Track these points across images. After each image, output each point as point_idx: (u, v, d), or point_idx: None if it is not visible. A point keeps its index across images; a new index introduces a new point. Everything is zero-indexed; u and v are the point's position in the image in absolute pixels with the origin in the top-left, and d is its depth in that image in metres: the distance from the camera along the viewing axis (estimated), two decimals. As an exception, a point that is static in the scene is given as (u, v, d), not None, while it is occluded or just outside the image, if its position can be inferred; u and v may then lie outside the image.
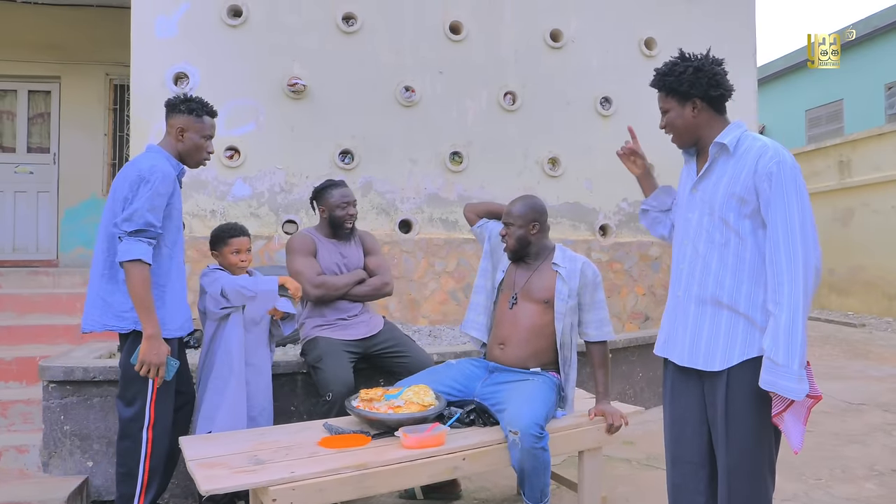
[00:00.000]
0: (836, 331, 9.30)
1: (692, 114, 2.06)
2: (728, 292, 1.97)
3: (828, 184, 11.21)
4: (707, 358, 2.00)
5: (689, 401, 2.10)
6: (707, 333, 2.01)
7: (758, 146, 1.95)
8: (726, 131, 2.03)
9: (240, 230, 3.08)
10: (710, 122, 2.06)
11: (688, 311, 2.06)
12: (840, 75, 12.79)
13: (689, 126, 2.08)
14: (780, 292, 1.85)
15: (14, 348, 4.02)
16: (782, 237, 1.85)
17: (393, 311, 5.05)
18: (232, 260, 3.04)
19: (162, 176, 2.55)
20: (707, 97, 2.03)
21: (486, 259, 3.18)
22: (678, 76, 2.04)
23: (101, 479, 3.14)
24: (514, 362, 2.90)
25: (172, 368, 2.57)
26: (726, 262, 1.98)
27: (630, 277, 5.68)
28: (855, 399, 5.26)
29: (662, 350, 2.19)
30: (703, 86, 2.02)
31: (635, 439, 4.12)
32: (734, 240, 1.96)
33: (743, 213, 1.95)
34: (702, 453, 2.08)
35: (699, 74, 2.01)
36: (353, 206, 3.46)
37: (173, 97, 2.79)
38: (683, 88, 2.03)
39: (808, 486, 3.41)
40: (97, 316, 2.60)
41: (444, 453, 2.52)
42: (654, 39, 5.75)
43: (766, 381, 1.86)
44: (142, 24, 4.70)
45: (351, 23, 5.05)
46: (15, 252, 7.02)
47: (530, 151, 5.46)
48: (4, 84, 7.14)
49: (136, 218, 2.47)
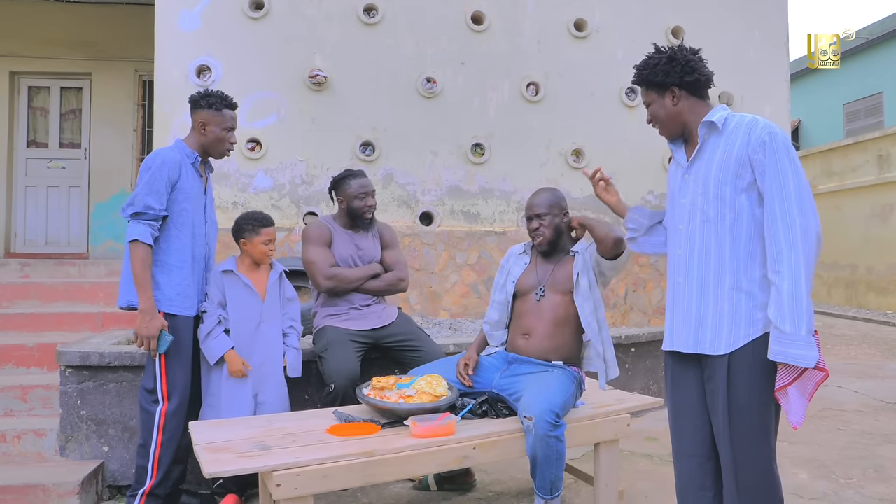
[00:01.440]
0: (874, 330, 9.01)
1: (672, 102, 2.07)
2: (729, 269, 1.94)
3: (866, 179, 10.86)
4: (713, 342, 1.95)
5: (689, 392, 2.08)
6: (712, 316, 1.96)
7: (747, 120, 1.96)
8: (712, 112, 2.03)
9: (268, 220, 3.09)
10: (692, 108, 2.07)
11: (690, 297, 2.02)
12: (879, 67, 12.42)
13: (671, 115, 2.08)
14: (780, 260, 1.82)
15: (37, 335, 4.10)
16: (779, 205, 1.83)
17: (413, 304, 5.02)
18: (262, 249, 3.03)
19: (161, 161, 2.70)
20: (683, 84, 2.05)
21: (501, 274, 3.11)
22: (653, 68, 2.07)
23: (116, 463, 3.17)
24: (537, 353, 2.84)
25: (165, 343, 2.65)
26: (723, 240, 1.95)
27: (656, 271, 5.56)
28: (891, 398, 5.08)
29: (669, 343, 2.13)
30: (677, 73, 2.04)
31: (658, 435, 4.03)
32: (730, 215, 1.94)
33: (739, 187, 1.92)
34: (705, 446, 2.05)
35: (672, 63, 2.04)
36: (372, 197, 3.40)
37: (195, 94, 2.91)
38: (659, 79, 2.06)
39: (839, 486, 3.28)
40: (125, 293, 2.74)
41: (453, 442, 2.48)
42: (681, 28, 5.62)
43: (774, 352, 1.82)
44: (165, 17, 4.75)
45: (372, 14, 5.03)
46: (47, 245, 7.19)
47: (553, 143, 5.37)
48: (38, 81, 7.31)
49: (136, 202, 2.65)
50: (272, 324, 3.06)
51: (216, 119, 2.84)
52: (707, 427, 2.03)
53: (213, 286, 2.97)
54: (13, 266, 5.31)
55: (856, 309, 10.70)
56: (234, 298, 2.98)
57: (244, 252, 3.07)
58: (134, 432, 3.14)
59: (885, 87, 12.62)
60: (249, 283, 3.01)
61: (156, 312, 2.64)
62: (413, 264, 4.91)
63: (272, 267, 3.13)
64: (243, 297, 3.00)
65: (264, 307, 3.03)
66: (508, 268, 3.04)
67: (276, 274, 3.12)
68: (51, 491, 2.86)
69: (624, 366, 4.45)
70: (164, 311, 2.70)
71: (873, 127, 12.56)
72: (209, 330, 2.90)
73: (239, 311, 2.98)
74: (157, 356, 2.69)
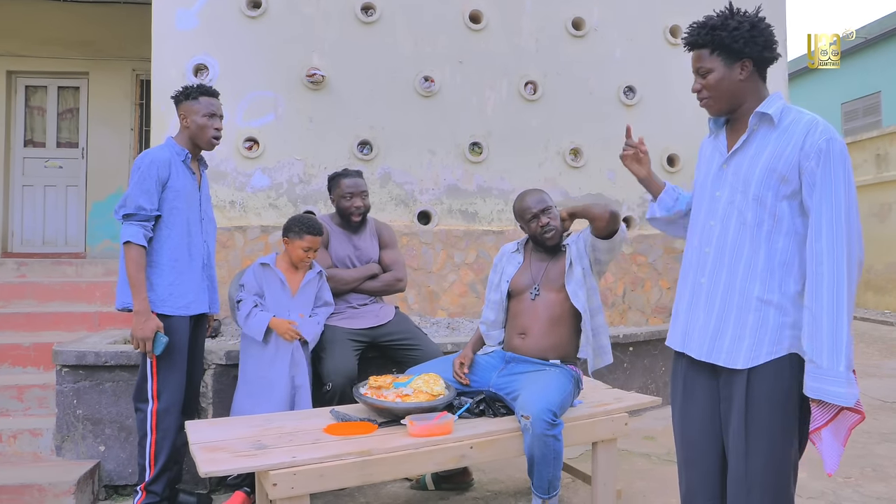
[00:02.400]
0: (872, 329, 9.02)
1: (740, 76, 1.80)
2: (760, 279, 1.75)
3: (864, 178, 10.86)
4: (731, 353, 1.78)
5: (701, 399, 1.90)
6: (733, 327, 1.78)
7: (806, 119, 1.74)
8: (769, 101, 1.79)
9: (318, 229, 3.10)
10: (755, 89, 1.82)
11: (713, 301, 1.83)
12: (877, 67, 12.43)
13: (734, 90, 1.82)
14: (820, 285, 1.65)
15: (33, 335, 4.09)
16: (826, 224, 1.64)
17: (411, 303, 5.01)
18: (300, 254, 3.07)
19: (150, 161, 2.71)
20: (760, 59, 1.80)
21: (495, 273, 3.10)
22: (731, 31, 1.78)
23: (112, 463, 3.16)
24: (534, 352, 2.83)
25: (160, 344, 2.65)
26: (758, 247, 1.76)
27: (654, 271, 5.55)
28: (889, 397, 5.08)
29: (681, 344, 1.94)
30: (759, 45, 1.77)
31: (656, 434, 4.02)
32: (768, 222, 1.74)
33: (782, 194, 1.73)
34: (716, 456, 1.88)
35: (755, 32, 1.77)
36: (361, 198, 3.34)
37: (175, 92, 2.93)
38: (738, 46, 1.78)
39: (837, 485, 3.28)
40: (122, 295, 2.75)
41: (450, 441, 2.47)
42: (679, 27, 5.61)
43: (811, 389, 1.66)
44: (162, 15, 4.73)
45: (370, 13, 5.02)
46: (45, 245, 7.17)
47: (552, 142, 5.37)
48: (35, 80, 7.30)
49: (127, 203, 2.66)
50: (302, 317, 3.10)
51: (195, 107, 2.85)
52: (719, 437, 1.87)
53: (250, 277, 3.07)
54: (10, 265, 5.29)
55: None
56: (267, 292, 3.06)
57: (286, 250, 3.13)
58: (130, 432, 3.13)
59: (883, 86, 12.63)
60: (283, 278, 3.08)
61: (150, 314, 2.64)
62: (411, 263, 4.90)
63: (311, 267, 3.17)
64: (275, 291, 3.07)
65: (294, 302, 3.08)
66: (502, 267, 3.03)
67: (313, 273, 3.16)
68: (47, 491, 2.84)
69: (622, 365, 4.45)
70: (158, 312, 2.68)
71: (871, 126, 12.56)
72: (247, 312, 2.97)
73: (270, 304, 3.04)
74: (152, 357, 2.68)
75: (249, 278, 3.07)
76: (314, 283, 3.15)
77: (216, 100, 2.91)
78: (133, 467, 3.12)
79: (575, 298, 2.79)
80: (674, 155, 5.58)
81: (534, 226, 2.91)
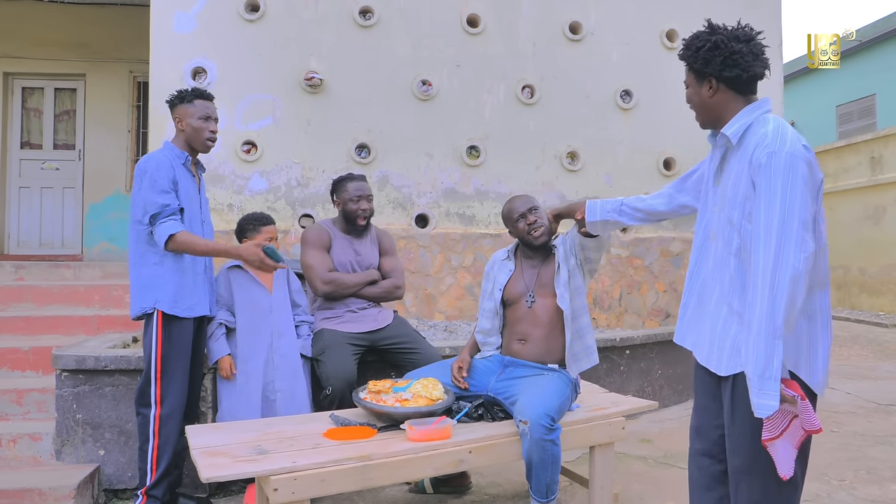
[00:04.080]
0: (867, 331, 9.06)
1: (708, 94, 1.87)
2: (739, 295, 1.82)
3: (859, 180, 10.93)
4: (718, 361, 1.88)
5: (707, 394, 2.01)
6: (720, 337, 1.87)
7: (759, 134, 1.75)
8: (735, 119, 1.82)
9: (269, 218, 3.23)
10: (729, 104, 1.85)
11: (708, 311, 1.94)
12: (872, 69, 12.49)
13: (705, 106, 1.89)
14: (754, 298, 1.68)
15: (32, 338, 4.09)
16: (761, 236, 1.67)
17: (409, 307, 5.02)
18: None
19: (156, 162, 2.75)
20: (721, 78, 1.83)
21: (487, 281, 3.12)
22: (695, 52, 1.86)
23: (112, 467, 3.16)
24: (534, 357, 2.86)
25: (273, 251, 2.71)
26: (727, 263, 1.85)
27: (650, 274, 5.58)
28: (883, 400, 5.11)
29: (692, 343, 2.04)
30: (717, 65, 1.81)
31: (652, 437, 4.04)
32: (736, 240, 1.81)
33: (746, 211, 1.77)
34: (719, 448, 1.98)
35: (714, 52, 1.81)
36: (367, 202, 3.40)
37: (169, 96, 2.96)
38: (697, 66, 1.86)
39: (831, 487, 3.30)
40: (137, 301, 2.78)
41: (449, 446, 2.49)
42: (675, 31, 5.64)
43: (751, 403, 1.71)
44: (160, 18, 4.74)
45: (368, 16, 5.04)
46: (41, 247, 7.17)
47: (549, 145, 5.39)
48: (32, 82, 7.29)
49: (149, 206, 2.68)
50: (282, 314, 3.15)
51: (189, 111, 2.88)
52: (721, 430, 1.95)
53: (220, 285, 3.08)
54: (7, 268, 5.30)
55: (848, 310, 10.75)
56: (242, 293, 3.08)
57: None
58: (130, 436, 3.13)
59: (878, 89, 12.69)
60: (255, 276, 3.10)
61: (238, 245, 2.80)
62: (408, 267, 4.92)
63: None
64: (251, 291, 3.10)
65: (273, 299, 3.12)
66: (494, 275, 3.03)
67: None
68: (46, 495, 2.85)
69: (618, 368, 4.47)
70: (163, 311, 2.71)
71: (866, 129, 12.62)
72: (211, 332, 3.01)
73: (248, 305, 3.07)
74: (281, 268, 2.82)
75: (220, 288, 3.09)
76: (282, 273, 3.23)
77: (211, 103, 2.95)
78: (133, 471, 3.12)
79: (561, 300, 2.82)
80: (670, 158, 5.61)
81: (521, 226, 2.93)
